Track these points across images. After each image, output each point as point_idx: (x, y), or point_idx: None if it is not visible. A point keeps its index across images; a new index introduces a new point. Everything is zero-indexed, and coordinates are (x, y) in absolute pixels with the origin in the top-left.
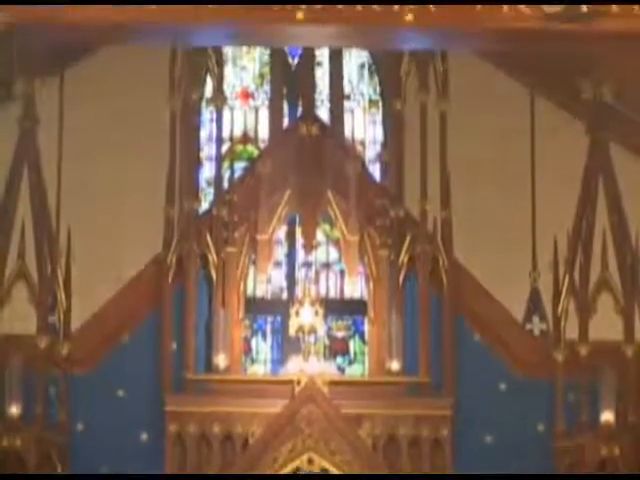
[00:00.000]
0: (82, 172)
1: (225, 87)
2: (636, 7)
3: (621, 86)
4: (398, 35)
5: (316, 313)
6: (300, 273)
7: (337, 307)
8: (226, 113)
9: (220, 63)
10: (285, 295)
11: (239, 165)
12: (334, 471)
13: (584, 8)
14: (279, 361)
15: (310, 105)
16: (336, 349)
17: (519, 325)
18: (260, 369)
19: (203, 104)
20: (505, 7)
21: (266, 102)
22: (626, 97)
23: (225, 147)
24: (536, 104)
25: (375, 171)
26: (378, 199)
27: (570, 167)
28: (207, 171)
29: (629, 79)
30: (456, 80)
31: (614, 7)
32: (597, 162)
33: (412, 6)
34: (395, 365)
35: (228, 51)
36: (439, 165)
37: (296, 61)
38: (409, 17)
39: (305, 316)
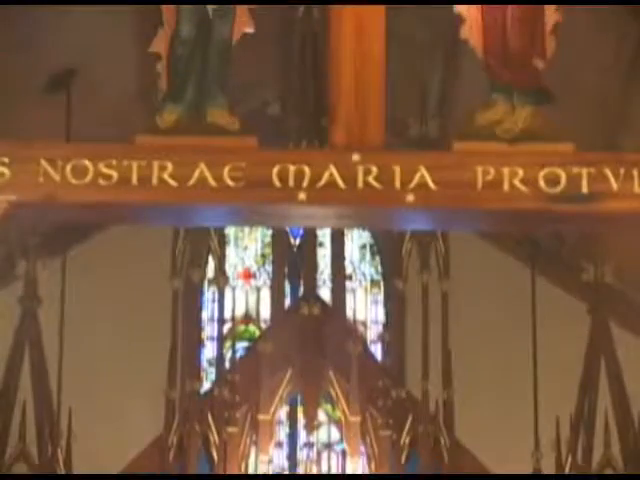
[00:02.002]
0: (84, 352)
1: (227, 267)
2: (636, 186)
3: (622, 266)
4: (399, 215)
5: None
6: (302, 453)
7: None
8: (228, 293)
9: (222, 243)
10: None
11: (241, 345)
12: None
13: (584, 189)
14: None
15: (312, 285)
16: None
17: None
18: None
19: (205, 284)
20: (505, 187)
21: (268, 282)
22: (627, 277)
23: (227, 327)
24: (537, 283)
25: (377, 351)
26: (380, 379)
27: (571, 347)
28: (209, 351)
29: (630, 259)
30: (457, 260)
31: (615, 186)
32: (599, 342)
33: (413, 186)
34: None
35: (230, 231)
36: (440, 345)
37: (298, 241)
38: (410, 198)
39: None
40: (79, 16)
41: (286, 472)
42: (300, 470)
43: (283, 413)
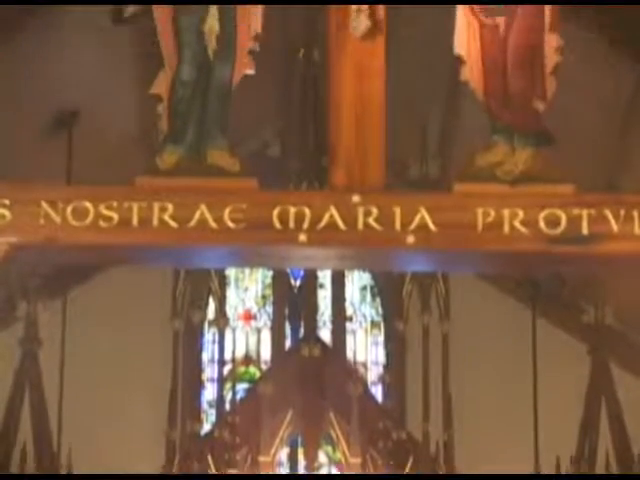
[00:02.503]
0: (84, 393)
1: (227, 308)
2: (637, 228)
3: (623, 308)
4: (400, 257)
5: None
6: None
7: None
8: (228, 334)
9: (223, 284)
10: None
11: (241, 386)
12: None
13: (585, 230)
14: None
15: (312, 326)
16: None
17: None
18: None
19: (205, 325)
20: (506, 229)
21: (268, 323)
22: (628, 319)
23: (227, 368)
24: (538, 324)
25: (377, 392)
26: (380, 421)
27: (572, 387)
28: (209, 392)
29: (631, 301)
30: (458, 301)
31: (615, 228)
32: (599, 383)
33: (413, 227)
34: None
35: (231, 273)
36: (441, 386)
37: (298, 282)
38: (410, 239)
39: None
40: (80, 58)
41: None
42: None
43: (283, 455)
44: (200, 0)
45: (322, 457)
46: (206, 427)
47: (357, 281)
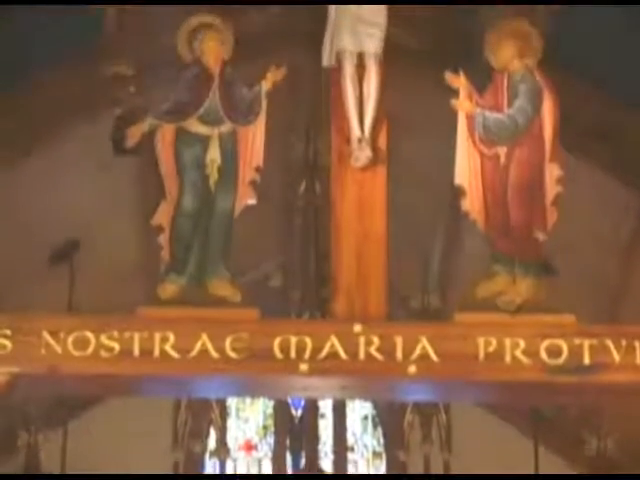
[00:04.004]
0: None
1: (228, 439)
2: (638, 358)
3: (624, 439)
4: (401, 387)
5: None
6: None
7: None
8: (229, 465)
9: (223, 415)
10: None
11: None
12: None
13: (586, 361)
14: None
15: (313, 457)
16: None
17: None
18: None
19: (206, 456)
20: (507, 359)
21: (269, 454)
22: (629, 450)
23: None
24: (539, 454)
25: None
26: None
27: None
28: None
29: (633, 431)
30: (459, 431)
31: (616, 358)
32: None
33: (415, 357)
34: None
35: (232, 403)
36: None
37: (299, 412)
38: (412, 369)
39: None
40: (81, 186)
41: None
42: None
43: None
44: None
45: None
46: None
47: (358, 411)
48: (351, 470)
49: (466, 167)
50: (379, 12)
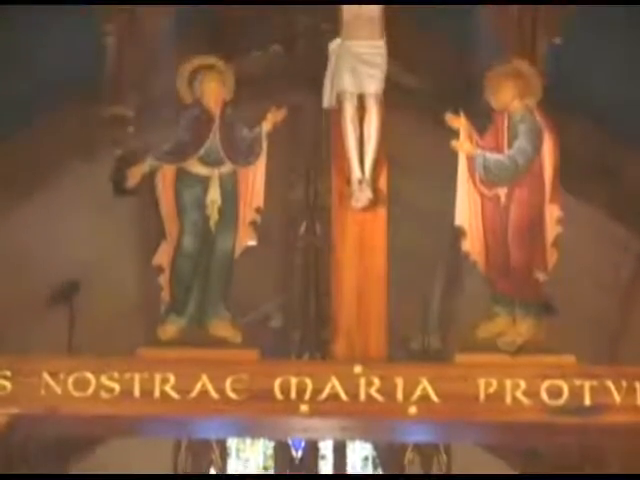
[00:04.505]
0: None
1: None
2: (639, 399)
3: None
4: (401, 428)
5: None
6: None
7: None
8: None
9: (223, 456)
10: None
11: None
12: None
13: (587, 401)
14: None
15: None
16: None
17: None
18: None
19: None
20: (508, 400)
21: None
22: None
23: None
24: None
25: None
26: None
27: None
28: None
29: (634, 471)
30: (459, 470)
31: (617, 399)
32: None
33: (415, 398)
34: None
35: (232, 443)
36: None
37: (300, 453)
38: (412, 410)
39: None
40: (81, 227)
41: None
42: None
43: None
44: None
45: None
46: None
47: (359, 451)
48: None
49: (466, 208)
50: (379, 53)
